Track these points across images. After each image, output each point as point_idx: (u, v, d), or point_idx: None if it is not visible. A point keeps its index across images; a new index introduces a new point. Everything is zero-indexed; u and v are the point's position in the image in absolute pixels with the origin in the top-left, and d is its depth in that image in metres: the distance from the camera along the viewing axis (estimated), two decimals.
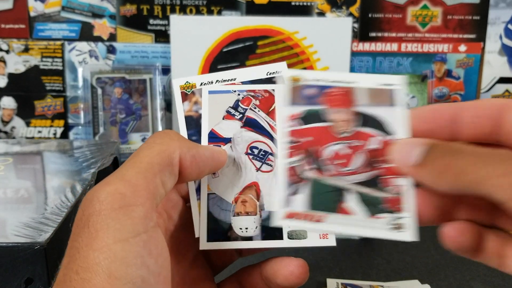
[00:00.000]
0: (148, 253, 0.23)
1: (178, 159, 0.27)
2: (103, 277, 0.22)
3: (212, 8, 0.88)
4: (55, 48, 0.89)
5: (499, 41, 0.88)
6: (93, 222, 0.23)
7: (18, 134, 0.91)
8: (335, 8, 0.87)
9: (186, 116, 0.33)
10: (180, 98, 0.33)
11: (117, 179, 0.25)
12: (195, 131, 0.32)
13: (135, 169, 0.25)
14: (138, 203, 0.24)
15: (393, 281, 0.50)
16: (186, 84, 0.33)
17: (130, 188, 0.24)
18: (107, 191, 0.24)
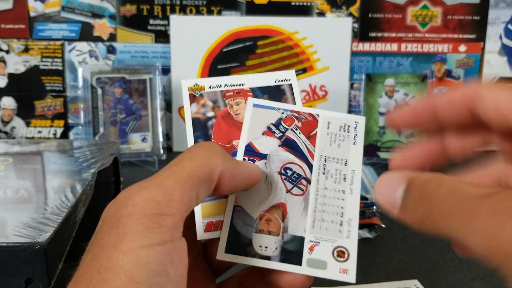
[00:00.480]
0: (170, 261, 0.23)
1: (218, 176, 0.27)
2: (124, 280, 0.22)
3: (212, 8, 0.88)
4: (55, 48, 0.89)
5: (499, 41, 0.88)
6: (123, 224, 0.23)
7: (18, 134, 0.91)
8: (335, 8, 0.87)
9: (193, 118, 0.33)
10: (188, 100, 0.33)
11: (155, 185, 0.25)
12: (202, 133, 0.33)
13: (175, 178, 0.25)
14: (170, 213, 0.24)
15: (393, 281, 0.50)
16: (195, 86, 0.33)
17: (166, 197, 0.24)
18: (143, 196, 0.24)
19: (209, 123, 0.33)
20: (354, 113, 0.90)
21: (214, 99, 0.33)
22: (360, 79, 0.88)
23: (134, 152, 0.84)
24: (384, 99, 0.85)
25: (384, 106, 0.85)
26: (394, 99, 0.85)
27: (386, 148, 0.84)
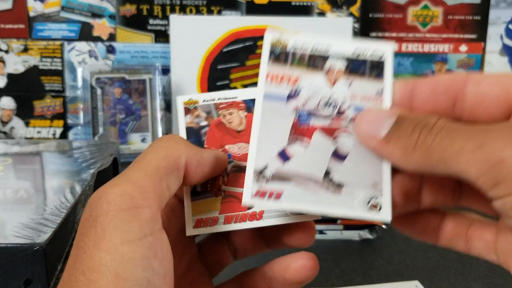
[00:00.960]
0: (154, 255, 0.23)
1: (184, 163, 0.27)
2: (110, 278, 0.21)
3: (212, 8, 0.87)
4: (54, 48, 0.89)
5: (500, 41, 0.88)
6: (101, 223, 0.23)
7: (18, 134, 0.91)
8: (336, 8, 0.87)
9: (187, 127, 0.34)
10: (183, 112, 0.34)
11: (125, 180, 0.25)
12: (195, 140, 0.33)
13: (143, 171, 0.25)
14: (145, 205, 0.24)
15: (394, 282, 0.49)
16: (189, 101, 0.34)
17: (138, 190, 0.24)
18: (116, 192, 0.24)
19: (202, 131, 0.34)
20: None
21: (207, 110, 0.34)
22: None
23: (134, 152, 0.84)
24: None
25: None
26: None
27: None
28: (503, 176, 0.21)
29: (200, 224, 0.31)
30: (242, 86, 0.88)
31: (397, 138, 0.25)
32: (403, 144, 0.24)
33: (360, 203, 0.27)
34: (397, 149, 0.25)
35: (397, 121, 0.25)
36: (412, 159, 0.24)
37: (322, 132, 0.29)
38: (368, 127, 0.26)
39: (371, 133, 0.26)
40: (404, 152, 0.24)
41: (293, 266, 0.30)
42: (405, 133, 0.24)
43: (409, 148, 0.24)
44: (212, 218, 0.31)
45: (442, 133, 0.23)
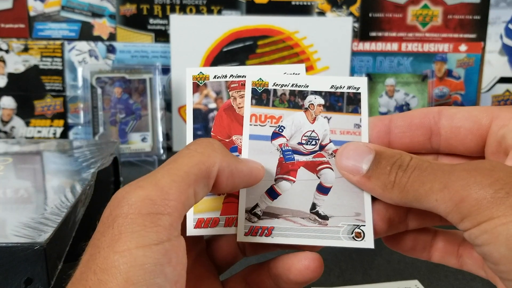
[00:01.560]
0: (168, 261, 0.23)
1: (216, 173, 0.27)
2: (120, 281, 0.21)
3: (212, 7, 0.87)
4: (54, 47, 0.89)
5: (499, 41, 0.88)
6: (118, 224, 0.23)
7: (18, 134, 0.91)
8: (336, 8, 0.87)
9: (194, 108, 0.32)
10: (191, 89, 0.32)
11: (150, 184, 0.24)
12: (202, 125, 0.32)
13: (171, 176, 0.25)
14: (166, 212, 0.24)
15: (394, 282, 0.50)
16: (200, 75, 0.32)
17: (162, 196, 0.24)
18: (138, 195, 0.24)
19: (210, 115, 0.32)
20: None
21: (218, 90, 0.32)
22: None
23: (134, 152, 0.84)
24: (384, 99, 0.85)
25: (385, 106, 0.85)
26: (394, 98, 0.85)
27: None
28: (466, 213, 0.23)
29: (201, 225, 0.30)
30: None
31: (376, 176, 0.27)
32: (382, 182, 0.27)
33: (345, 233, 0.29)
34: (377, 186, 0.27)
35: (375, 158, 0.27)
36: (391, 195, 0.27)
37: (306, 167, 0.31)
38: (349, 163, 0.28)
39: (352, 169, 0.28)
40: (383, 189, 0.27)
41: (296, 266, 0.30)
42: (383, 171, 0.27)
43: (388, 186, 0.27)
44: (213, 219, 0.30)
45: (415, 173, 0.26)
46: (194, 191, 0.26)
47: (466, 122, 0.28)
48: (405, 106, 0.85)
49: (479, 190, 0.23)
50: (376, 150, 0.28)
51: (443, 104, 0.90)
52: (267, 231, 0.29)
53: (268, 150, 0.31)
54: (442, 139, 0.28)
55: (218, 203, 0.31)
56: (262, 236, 0.29)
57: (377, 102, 0.85)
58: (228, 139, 0.32)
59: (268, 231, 0.29)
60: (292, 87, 0.31)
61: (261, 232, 0.29)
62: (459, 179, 0.24)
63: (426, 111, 0.29)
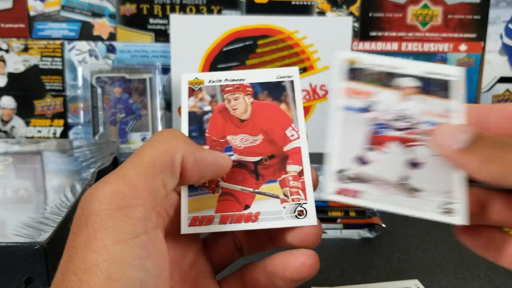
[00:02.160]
0: (147, 254, 0.23)
1: (180, 160, 0.27)
2: (101, 279, 0.21)
3: (212, 7, 0.87)
4: (54, 47, 0.89)
5: (499, 41, 0.88)
6: (92, 222, 0.23)
7: (18, 133, 0.91)
8: (336, 7, 0.87)
9: (189, 111, 0.33)
10: (187, 93, 0.33)
11: (117, 178, 0.24)
12: (196, 127, 0.32)
13: (136, 168, 0.25)
14: (138, 204, 0.24)
15: (393, 281, 0.50)
16: (195, 80, 0.33)
17: (130, 189, 0.24)
18: (107, 191, 0.23)
19: (204, 117, 0.33)
20: None
21: (212, 93, 0.33)
22: None
23: (134, 151, 0.84)
24: None
25: None
26: None
27: None
28: None
29: (196, 223, 0.30)
30: None
31: (476, 150, 0.26)
32: (481, 155, 0.26)
33: (435, 207, 0.29)
34: (474, 159, 0.26)
35: (477, 136, 0.27)
36: (487, 170, 0.26)
37: (398, 142, 0.30)
38: (448, 139, 0.28)
39: (451, 143, 0.27)
40: (480, 163, 0.26)
41: (292, 264, 0.30)
42: (485, 146, 0.26)
43: (486, 160, 0.26)
44: (207, 216, 0.30)
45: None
46: (162, 181, 0.25)
47: None
48: None
49: None
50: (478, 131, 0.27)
51: None
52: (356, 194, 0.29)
53: (359, 122, 0.31)
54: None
55: (212, 201, 0.31)
56: (351, 197, 0.29)
57: None
58: (223, 139, 0.32)
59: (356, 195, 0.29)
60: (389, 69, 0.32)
61: (351, 193, 0.29)
62: None
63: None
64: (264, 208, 0.31)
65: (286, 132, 0.33)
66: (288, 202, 0.31)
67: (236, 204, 0.31)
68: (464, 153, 0.26)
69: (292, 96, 0.34)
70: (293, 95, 0.34)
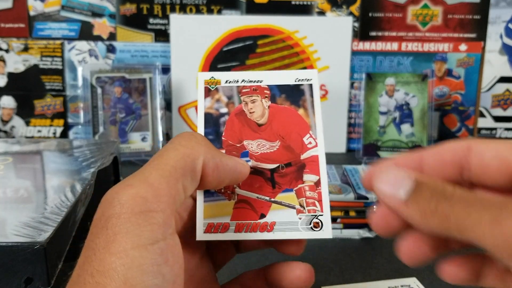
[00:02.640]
0: (164, 261, 0.23)
1: (201, 165, 0.27)
2: (118, 283, 0.21)
3: (212, 7, 0.87)
4: (54, 47, 0.89)
5: (499, 40, 0.88)
6: (112, 225, 0.23)
7: (18, 133, 0.91)
8: (336, 7, 0.87)
9: (206, 113, 0.32)
10: (203, 93, 0.32)
11: (139, 181, 0.24)
12: (213, 130, 0.32)
13: (159, 172, 0.25)
14: (159, 209, 0.23)
15: (392, 279, 0.50)
16: (211, 80, 0.32)
17: (152, 193, 0.24)
18: (129, 194, 0.23)
19: (221, 120, 0.32)
20: (355, 113, 0.90)
21: (229, 94, 0.32)
22: (361, 78, 0.88)
23: (134, 151, 0.84)
24: (384, 98, 0.85)
25: (385, 105, 0.85)
26: (394, 98, 0.85)
27: (386, 148, 0.84)
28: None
29: (211, 229, 0.30)
30: None
31: (416, 203, 0.26)
32: (422, 209, 0.26)
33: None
34: (416, 213, 0.26)
35: (416, 185, 0.26)
36: (429, 224, 0.25)
37: None
38: (388, 188, 0.27)
39: (391, 194, 0.27)
40: (422, 217, 0.26)
41: (288, 275, 0.30)
42: (424, 198, 0.26)
43: (428, 214, 0.25)
44: (223, 224, 0.30)
45: (460, 203, 0.25)
46: (182, 185, 0.25)
47: (494, 161, 0.26)
48: (405, 106, 0.85)
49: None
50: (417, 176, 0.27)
51: (443, 103, 0.90)
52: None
53: None
54: (472, 174, 0.27)
55: (228, 208, 0.30)
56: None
57: (377, 102, 0.85)
58: (239, 144, 0.32)
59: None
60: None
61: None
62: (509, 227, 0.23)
63: (455, 147, 0.28)
64: (280, 218, 0.30)
65: (303, 139, 0.32)
66: (304, 213, 0.30)
67: (251, 212, 0.30)
68: (405, 205, 0.26)
69: (310, 101, 0.33)
70: (311, 100, 0.33)
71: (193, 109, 0.89)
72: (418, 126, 0.84)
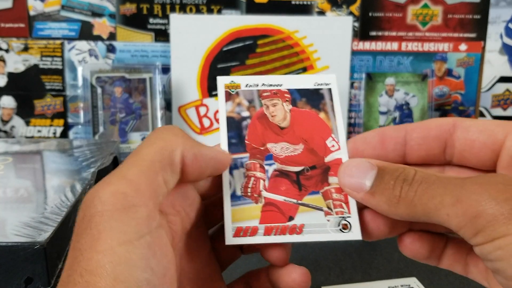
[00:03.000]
0: (152, 254, 0.23)
1: (179, 156, 0.26)
2: (108, 280, 0.21)
3: (212, 7, 0.87)
4: (54, 47, 0.89)
5: (499, 40, 0.88)
6: (96, 223, 0.22)
7: (18, 133, 0.91)
8: (335, 7, 0.87)
9: (228, 117, 0.32)
10: (224, 97, 0.32)
11: (118, 178, 0.24)
12: (235, 134, 0.31)
13: (137, 167, 0.25)
14: (141, 204, 0.23)
15: (391, 279, 0.50)
16: (231, 84, 0.33)
17: (133, 188, 0.24)
18: (109, 191, 0.23)
19: (243, 123, 0.32)
20: (355, 112, 0.90)
21: (250, 98, 0.32)
22: (361, 78, 0.88)
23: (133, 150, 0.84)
24: (384, 98, 0.85)
25: (385, 105, 0.85)
26: (394, 98, 0.85)
27: None
28: (480, 228, 0.23)
29: (240, 233, 0.30)
30: None
31: (381, 192, 0.26)
32: (387, 197, 0.26)
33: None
34: (382, 202, 0.26)
35: (378, 173, 0.27)
36: (397, 211, 0.26)
37: None
38: (352, 180, 0.28)
39: (356, 186, 0.28)
40: (389, 205, 0.26)
41: (284, 279, 0.30)
42: (388, 186, 0.26)
43: (393, 202, 0.26)
44: (252, 227, 0.30)
45: (422, 187, 0.25)
46: (163, 178, 0.25)
47: (480, 135, 0.27)
48: (405, 105, 0.85)
49: (495, 206, 0.22)
50: (379, 165, 0.27)
51: (443, 103, 0.90)
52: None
53: None
54: (456, 151, 0.28)
55: (256, 211, 0.30)
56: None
57: (377, 101, 0.85)
58: (263, 147, 0.32)
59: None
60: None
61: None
62: (472, 193, 0.23)
63: (441, 122, 0.28)
64: (308, 220, 0.30)
65: (326, 142, 0.32)
66: (332, 215, 0.30)
67: (279, 215, 0.30)
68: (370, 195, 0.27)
69: (330, 104, 0.33)
70: (331, 103, 0.33)
71: (193, 109, 0.89)
72: None
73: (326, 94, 0.33)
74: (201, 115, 0.89)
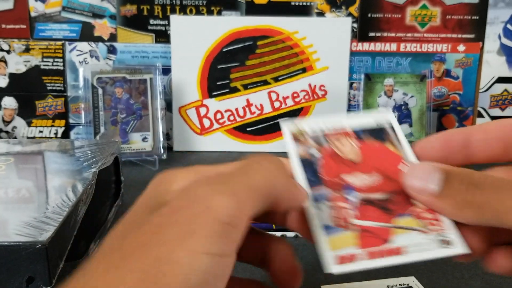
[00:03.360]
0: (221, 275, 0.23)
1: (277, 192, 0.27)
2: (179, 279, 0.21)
3: (212, 8, 0.88)
4: (55, 48, 0.89)
5: (498, 41, 0.88)
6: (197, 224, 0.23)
7: (19, 134, 0.92)
8: (335, 8, 0.88)
9: (302, 159, 0.33)
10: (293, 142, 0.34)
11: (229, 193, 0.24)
12: (311, 173, 0.32)
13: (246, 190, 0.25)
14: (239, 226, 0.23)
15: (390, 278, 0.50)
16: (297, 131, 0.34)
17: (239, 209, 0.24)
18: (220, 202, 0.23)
19: (316, 162, 0.33)
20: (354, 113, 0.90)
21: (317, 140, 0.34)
22: (360, 78, 0.88)
23: (135, 151, 0.85)
24: (383, 99, 0.86)
25: (383, 106, 0.85)
26: (393, 98, 0.85)
27: None
28: None
29: (344, 261, 0.30)
30: (242, 86, 0.88)
31: (449, 195, 0.26)
32: (455, 201, 0.26)
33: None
34: (449, 205, 0.26)
35: (446, 177, 0.26)
36: (464, 214, 0.26)
37: None
38: (417, 183, 0.28)
39: (422, 188, 0.27)
40: (456, 208, 0.26)
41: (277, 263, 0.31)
42: (457, 190, 0.26)
43: (461, 205, 0.26)
44: (354, 254, 0.30)
45: (491, 191, 0.25)
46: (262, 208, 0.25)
47: (496, 131, 0.27)
48: (403, 106, 0.85)
49: None
50: (445, 169, 0.27)
51: (442, 104, 0.91)
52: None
53: None
54: (473, 150, 0.28)
55: (352, 238, 0.31)
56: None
57: (376, 102, 0.85)
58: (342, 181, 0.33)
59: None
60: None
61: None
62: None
63: (503, 123, 0.28)
64: (405, 241, 0.30)
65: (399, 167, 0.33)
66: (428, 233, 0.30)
67: (377, 239, 0.31)
68: (437, 199, 0.27)
69: (394, 135, 0.35)
70: (395, 134, 0.35)
71: (193, 109, 0.90)
72: (416, 126, 0.84)
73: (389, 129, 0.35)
74: (201, 116, 0.90)
